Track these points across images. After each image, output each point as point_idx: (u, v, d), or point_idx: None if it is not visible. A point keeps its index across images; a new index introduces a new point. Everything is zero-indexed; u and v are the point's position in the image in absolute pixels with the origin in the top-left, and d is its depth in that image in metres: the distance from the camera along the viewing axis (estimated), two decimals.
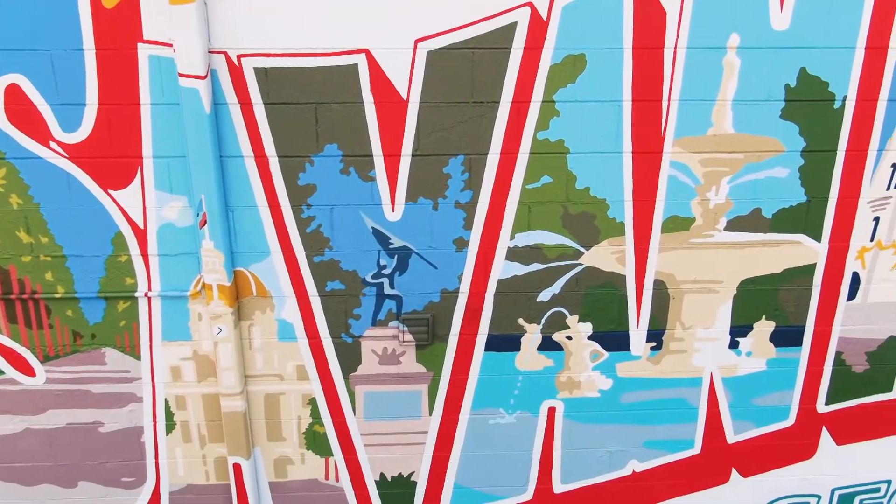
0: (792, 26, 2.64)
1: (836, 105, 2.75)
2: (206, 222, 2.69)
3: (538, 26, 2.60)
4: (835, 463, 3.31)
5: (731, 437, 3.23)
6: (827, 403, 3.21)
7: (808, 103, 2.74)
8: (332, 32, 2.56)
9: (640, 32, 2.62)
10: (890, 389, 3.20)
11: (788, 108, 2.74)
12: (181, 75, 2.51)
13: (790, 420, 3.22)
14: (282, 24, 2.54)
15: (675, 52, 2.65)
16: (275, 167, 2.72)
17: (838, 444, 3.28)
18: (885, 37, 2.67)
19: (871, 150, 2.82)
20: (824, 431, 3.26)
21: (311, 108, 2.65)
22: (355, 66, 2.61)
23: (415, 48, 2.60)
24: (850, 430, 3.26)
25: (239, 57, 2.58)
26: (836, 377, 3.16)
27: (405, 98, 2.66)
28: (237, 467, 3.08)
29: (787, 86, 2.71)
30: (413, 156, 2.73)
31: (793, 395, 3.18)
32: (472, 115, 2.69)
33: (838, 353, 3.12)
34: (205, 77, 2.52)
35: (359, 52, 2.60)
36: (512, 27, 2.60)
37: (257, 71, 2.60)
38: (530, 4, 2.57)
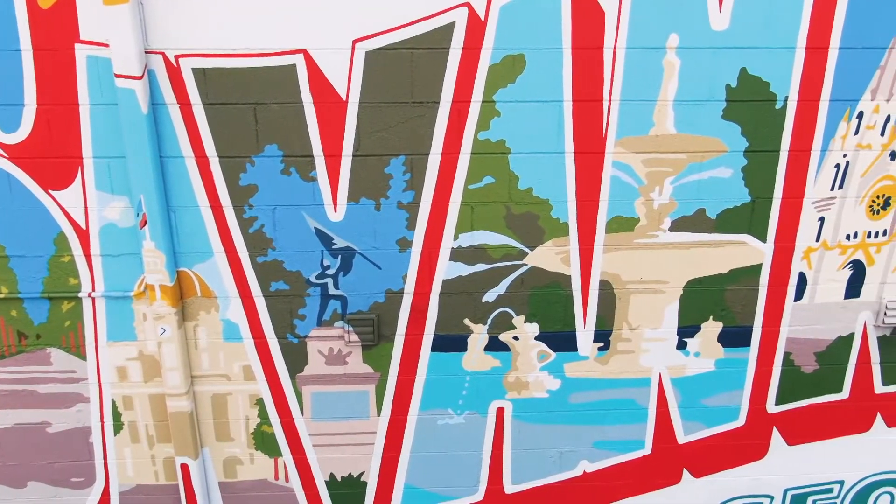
0: (731, 26, 2.64)
1: (778, 105, 2.75)
2: (146, 223, 2.69)
3: (476, 26, 2.60)
4: (787, 463, 3.31)
5: (682, 438, 3.23)
6: (777, 404, 3.20)
7: (750, 103, 2.74)
8: (269, 33, 2.56)
9: (578, 33, 2.62)
10: (840, 390, 3.20)
11: (730, 108, 2.74)
12: (117, 76, 2.51)
13: (740, 420, 3.21)
14: (219, 25, 2.54)
15: (614, 53, 2.65)
16: (216, 167, 2.72)
17: (789, 444, 3.28)
18: (825, 37, 2.67)
19: (814, 150, 2.82)
20: (775, 432, 3.25)
21: (251, 108, 2.65)
22: (293, 66, 2.61)
23: (353, 48, 2.60)
24: (800, 430, 3.26)
25: (177, 57, 2.58)
26: (785, 377, 3.15)
27: (344, 98, 2.66)
28: (185, 467, 3.08)
29: (728, 86, 2.71)
30: (354, 156, 2.73)
31: (742, 395, 3.18)
32: (412, 115, 2.69)
33: (787, 354, 3.11)
34: (141, 77, 2.52)
35: (296, 52, 2.59)
36: (450, 27, 2.60)
37: (195, 71, 2.60)
38: (468, 5, 2.57)
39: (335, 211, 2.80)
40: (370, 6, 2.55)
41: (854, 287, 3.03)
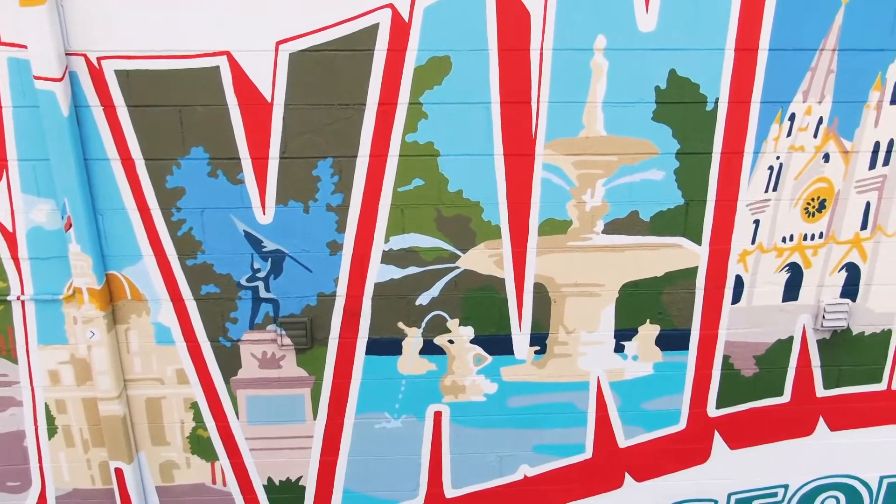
0: (658, 28, 2.62)
1: (709, 107, 2.73)
2: (71, 226, 2.67)
3: (400, 28, 2.58)
4: (730, 467, 3.29)
5: (623, 442, 3.21)
6: (717, 407, 3.18)
7: (680, 105, 2.72)
8: (191, 34, 2.54)
9: (504, 34, 2.60)
10: (781, 393, 3.18)
11: (660, 109, 2.72)
12: (36, 77, 2.49)
13: (681, 424, 3.19)
14: (141, 26, 2.52)
15: (541, 54, 2.63)
16: (142, 170, 2.70)
17: (732, 448, 3.26)
18: (755, 38, 2.65)
19: (746, 152, 2.80)
20: (717, 436, 3.23)
21: (175, 110, 2.63)
22: (217, 68, 2.59)
23: (276, 50, 2.58)
24: (743, 434, 3.24)
25: (99, 59, 2.56)
26: (725, 381, 3.13)
27: (269, 100, 2.64)
28: (119, 472, 3.06)
29: (657, 88, 2.69)
30: (281, 158, 2.71)
31: (682, 399, 3.15)
32: (338, 117, 2.67)
33: (726, 357, 3.09)
34: (61, 79, 2.50)
35: (219, 54, 2.58)
36: (374, 29, 2.58)
37: (118, 73, 2.58)
38: (391, 6, 2.56)
39: (264, 213, 2.78)
40: (292, 8, 2.53)
41: (792, 290, 3.01)
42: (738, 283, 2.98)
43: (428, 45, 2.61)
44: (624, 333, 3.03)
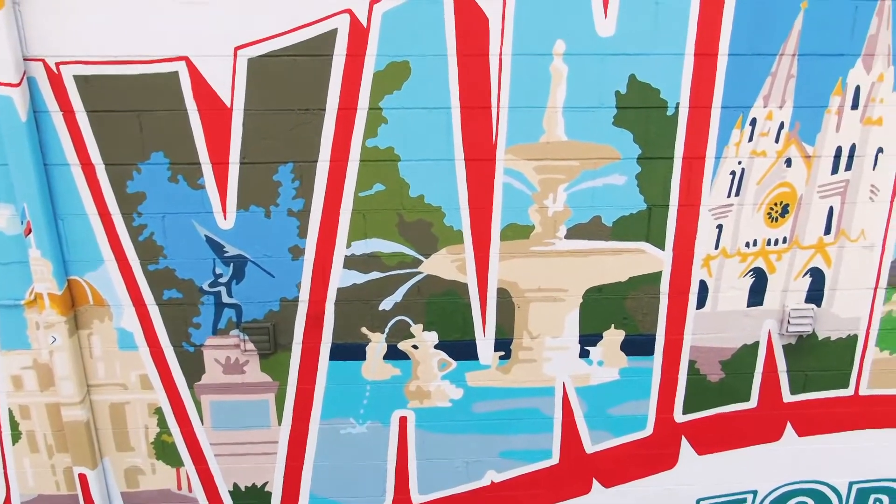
0: (617, 33, 2.62)
1: (670, 112, 2.73)
2: (30, 231, 2.67)
3: (359, 33, 2.58)
4: (698, 473, 3.28)
5: (590, 447, 3.20)
6: (684, 413, 3.17)
7: (641, 110, 2.72)
8: (150, 40, 2.55)
9: (462, 39, 2.60)
10: (748, 399, 3.17)
11: (621, 114, 2.72)
12: None
13: (648, 430, 3.18)
14: (99, 32, 2.52)
15: (500, 59, 2.63)
16: (102, 175, 2.70)
17: (700, 453, 3.25)
18: (714, 43, 2.65)
19: (708, 157, 2.80)
20: (684, 441, 3.22)
21: (135, 115, 2.63)
22: (176, 73, 2.59)
23: (235, 55, 2.58)
24: (710, 439, 3.23)
25: (57, 64, 2.56)
26: (691, 386, 3.12)
27: (229, 105, 2.64)
28: (83, 477, 3.05)
29: (617, 92, 2.69)
30: (241, 163, 2.71)
31: (648, 404, 3.15)
32: (298, 122, 2.67)
33: (692, 362, 3.08)
34: (18, 84, 2.50)
35: (178, 59, 2.58)
36: (332, 34, 2.58)
37: (77, 79, 2.58)
38: (349, 11, 2.56)
39: (225, 219, 2.78)
40: (250, 13, 2.53)
41: (756, 295, 3.00)
42: (703, 288, 2.97)
43: (387, 50, 2.61)
44: (589, 339, 3.03)
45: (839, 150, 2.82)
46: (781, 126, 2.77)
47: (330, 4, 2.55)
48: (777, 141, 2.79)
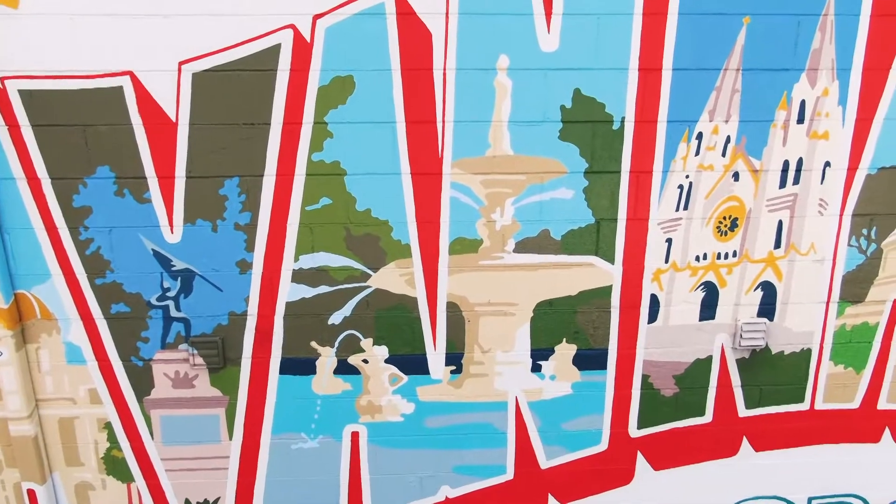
0: (561, 48, 2.64)
1: (615, 126, 2.73)
2: None
3: (302, 48, 2.59)
4: (655, 488, 3.25)
5: (544, 463, 3.18)
6: (639, 428, 3.15)
7: (586, 124, 2.73)
8: (94, 54, 2.55)
9: (406, 54, 2.61)
10: (703, 413, 3.15)
11: (566, 129, 2.73)
12: None
13: (603, 445, 3.16)
14: (44, 46, 2.53)
15: (444, 74, 2.64)
16: (48, 189, 2.70)
17: (656, 469, 3.22)
18: (658, 58, 2.66)
19: (655, 171, 2.80)
20: (640, 456, 3.20)
21: (80, 129, 2.64)
22: (120, 87, 2.60)
23: (179, 70, 2.59)
24: (666, 455, 3.20)
25: (2, 79, 2.57)
26: (645, 401, 3.11)
27: (174, 120, 2.65)
28: (31, 493, 3.02)
29: (562, 107, 2.70)
30: (187, 177, 2.71)
31: (603, 419, 3.12)
32: (243, 136, 2.67)
33: (645, 377, 3.07)
34: None
35: (122, 74, 2.59)
36: (276, 49, 2.59)
37: (22, 93, 2.59)
38: (292, 26, 2.57)
39: (172, 233, 2.78)
40: (194, 28, 2.55)
41: (708, 309, 2.99)
42: (654, 301, 2.97)
43: (331, 64, 2.62)
44: (540, 353, 3.01)
45: (786, 164, 2.82)
46: (728, 140, 2.78)
47: (273, 20, 2.56)
48: (724, 155, 2.80)
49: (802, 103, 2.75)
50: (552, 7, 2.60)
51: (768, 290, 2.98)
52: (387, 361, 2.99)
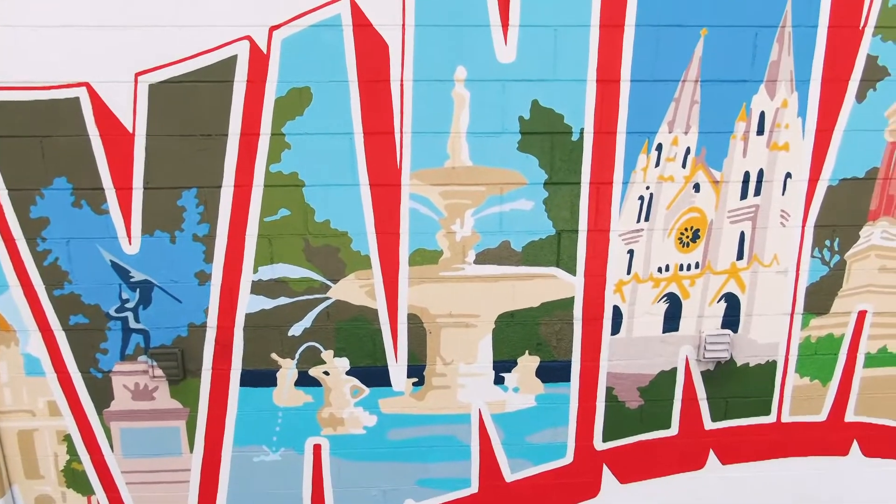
0: (518, 59, 2.63)
1: (574, 137, 2.73)
2: None
3: (259, 59, 2.59)
4: (621, 502, 3.22)
5: (509, 476, 3.15)
6: (605, 441, 3.12)
7: (545, 135, 2.72)
8: (50, 66, 2.55)
9: (363, 65, 2.61)
10: (669, 426, 3.13)
11: (525, 140, 2.72)
12: None
13: (568, 458, 3.13)
14: (0, 58, 2.53)
15: (401, 85, 2.64)
16: (5, 200, 2.70)
17: (622, 482, 3.19)
18: (615, 69, 2.66)
19: (615, 182, 2.79)
20: (606, 469, 3.17)
21: (37, 140, 2.63)
22: (77, 99, 2.60)
23: (135, 81, 2.59)
24: (632, 468, 3.18)
25: None
26: (610, 413, 3.08)
27: (131, 131, 2.64)
28: None
29: (521, 118, 2.69)
30: (145, 189, 2.70)
31: (567, 431, 3.10)
32: (201, 147, 2.67)
33: (609, 389, 3.05)
34: None
35: (79, 85, 2.59)
36: (232, 60, 2.59)
37: None
38: (249, 38, 2.57)
39: (130, 244, 2.77)
40: (150, 40, 2.55)
41: (672, 320, 2.98)
42: (617, 313, 2.95)
43: (288, 76, 2.62)
44: (503, 365, 2.99)
45: (747, 175, 2.81)
46: (688, 151, 2.77)
47: (229, 31, 2.56)
48: (684, 166, 2.79)
49: (762, 115, 2.74)
50: (509, 19, 2.60)
51: (732, 302, 2.96)
52: (348, 373, 2.97)
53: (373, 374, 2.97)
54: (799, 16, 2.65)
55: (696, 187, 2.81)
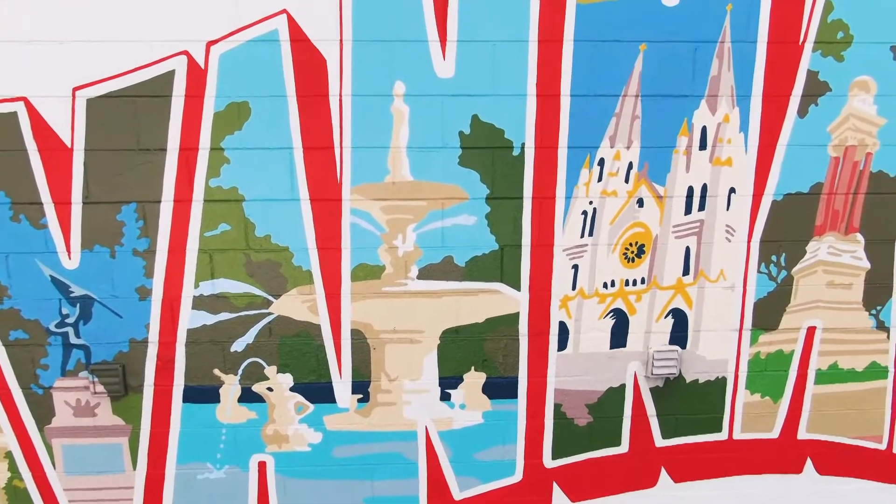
0: (457, 74, 2.63)
1: (516, 152, 2.72)
2: None
3: (197, 74, 2.59)
4: None
5: (458, 494, 3.10)
6: (554, 458, 3.08)
7: (486, 150, 2.71)
8: None
9: (301, 80, 2.61)
10: (619, 443, 3.09)
11: (466, 154, 2.71)
12: None
13: (517, 476, 3.09)
14: None
15: (340, 100, 2.64)
16: None
17: (573, 500, 3.15)
18: (555, 84, 2.66)
19: (558, 197, 2.78)
20: (556, 487, 3.13)
21: None
22: (15, 113, 2.60)
23: (73, 96, 2.59)
24: (583, 486, 3.13)
25: None
26: (559, 430, 3.05)
27: (70, 146, 2.64)
28: None
29: (461, 133, 2.69)
30: (84, 203, 2.69)
31: (516, 449, 3.06)
32: (140, 162, 2.66)
33: (557, 406, 3.01)
34: None
35: (16, 100, 2.59)
36: (170, 75, 2.59)
37: None
38: (186, 53, 2.57)
39: (70, 259, 2.75)
40: (88, 54, 2.55)
41: (619, 336, 2.95)
42: (563, 329, 2.92)
43: (226, 91, 2.62)
44: (449, 381, 2.96)
45: (691, 190, 2.80)
46: (630, 166, 2.76)
47: (166, 46, 2.57)
48: (627, 181, 2.78)
49: (704, 129, 2.73)
50: (447, 34, 2.60)
51: (679, 318, 2.94)
52: (292, 389, 2.94)
53: (317, 390, 2.94)
54: (738, 31, 2.65)
55: (640, 202, 2.80)
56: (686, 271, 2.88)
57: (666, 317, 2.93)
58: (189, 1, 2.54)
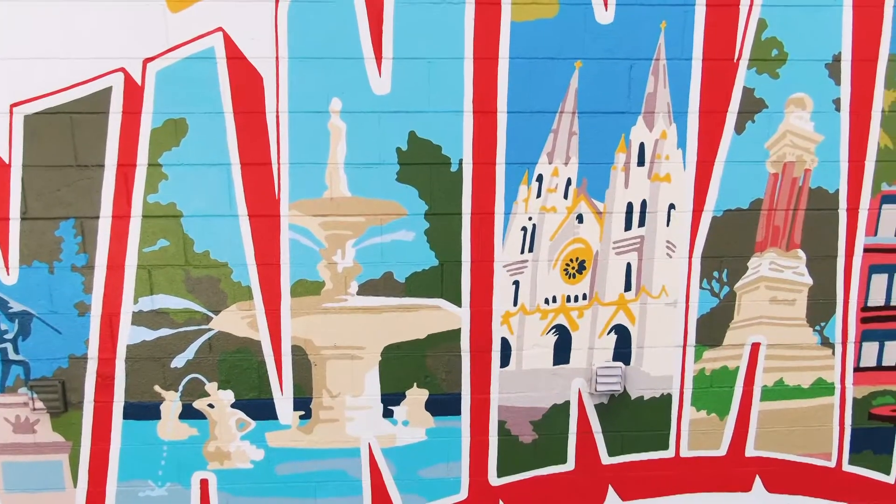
0: (393, 91, 2.65)
1: (454, 168, 2.73)
2: None
3: (133, 91, 2.61)
4: None
5: None
6: (499, 476, 3.06)
7: (424, 166, 2.72)
8: None
9: (238, 97, 2.63)
10: (565, 461, 3.06)
11: (404, 171, 2.72)
12: None
13: (462, 493, 3.07)
14: None
15: (277, 117, 2.65)
16: None
17: None
18: (492, 101, 2.67)
19: (497, 213, 2.78)
20: None
21: None
22: None
23: (11, 112, 2.60)
24: None
25: None
26: (503, 448, 3.02)
27: (7, 161, 2.65)
28: None
29: (398, 149, 2.70)
30: (22, 219, 2.70)
31: (461, 466, 3.04)
32: (77, 178, 2.67)
33: (502, 423, 2.99)
34: None
35: None
36: (107, 92, 2.61)
37: None
38: (123, 70, 2.59)
39: (8, 274, 2.75)
40: (25, 71, 2.57)
41: (562, 353, 2.94)
42: (505, 345, 2.91)
43: (163, 107, 2.63)
44: (391, 398, 2.95)
45: (630, 206, 2.80)
46: (569, 182, 2.77)
47: (104, 63, 2.58)
48: (566, 197, 2.78)
49: (641, 146, 2.74)
50: (382, 51, 2.62)
51: (622, 334, 2.93)
52: (233, 406, 2.92)
53: (258, 406, 2.93)
54: (672, 49, 2.67)
55: (580, 218, 2.80)
56: (628, 287, 2.88)
57: (609, 333, 2.92)
58: (126, 18, 2.56)
